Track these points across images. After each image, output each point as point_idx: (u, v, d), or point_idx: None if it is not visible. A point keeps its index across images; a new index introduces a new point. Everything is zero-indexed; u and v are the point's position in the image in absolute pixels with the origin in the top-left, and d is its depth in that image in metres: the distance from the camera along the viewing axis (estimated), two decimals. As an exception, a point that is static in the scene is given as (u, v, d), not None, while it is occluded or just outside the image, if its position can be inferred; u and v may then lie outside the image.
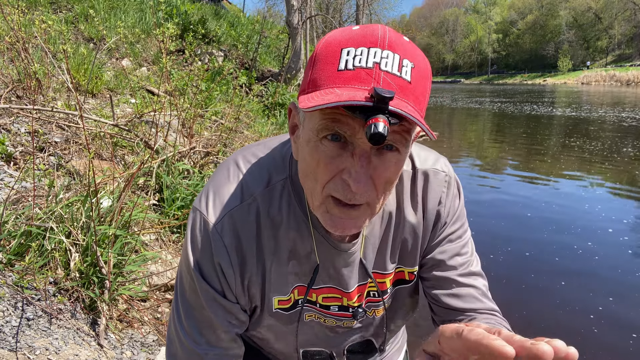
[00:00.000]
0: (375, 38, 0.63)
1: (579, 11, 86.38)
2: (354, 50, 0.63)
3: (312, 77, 0.66)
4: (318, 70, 0.66)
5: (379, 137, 0.56)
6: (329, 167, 0.67)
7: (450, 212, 0.90)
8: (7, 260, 1.89)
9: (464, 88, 57.25)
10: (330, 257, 0.85)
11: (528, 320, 2.85)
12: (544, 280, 3.33)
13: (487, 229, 4.43)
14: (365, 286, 0.91)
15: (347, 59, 0.63)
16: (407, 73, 0.63)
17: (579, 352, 0.44)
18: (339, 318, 0.92)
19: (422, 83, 0.66)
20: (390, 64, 0.62)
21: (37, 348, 1.63)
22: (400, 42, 0.65)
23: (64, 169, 2.76)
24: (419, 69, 0.65)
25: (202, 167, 3.54)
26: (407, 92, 0.63)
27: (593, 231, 4.32)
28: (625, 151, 8.49)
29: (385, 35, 0.64)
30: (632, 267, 3.49)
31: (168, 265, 2.56)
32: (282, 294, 0.87)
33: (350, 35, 0.65)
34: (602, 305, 2.96)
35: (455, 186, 0.91)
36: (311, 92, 0.65)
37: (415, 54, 0.66)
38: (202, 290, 0.82)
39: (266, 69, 9.67)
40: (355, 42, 0.64)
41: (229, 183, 0.83)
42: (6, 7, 3.80)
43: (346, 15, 31.27)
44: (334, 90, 0.62)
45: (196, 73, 4.21)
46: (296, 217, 0.83)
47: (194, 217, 0.83)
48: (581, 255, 3.76)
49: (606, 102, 23.61)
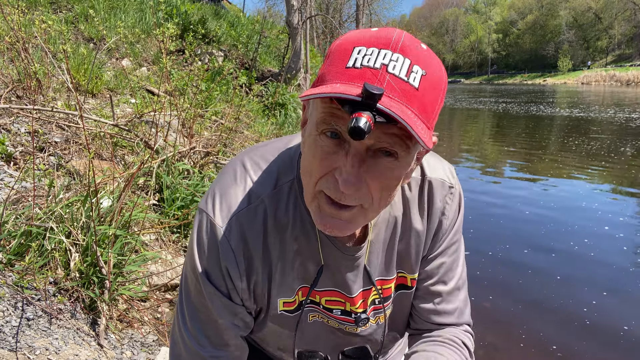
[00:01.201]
0: (388, 40, 0.63)
1: (579, 11, 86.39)
2: (365, 50, 0.63)
3: (322, 72, 0.67)
4: (328, 65, 0.66)
5: (359, 132, 0.55)
6: (323, 162, 0.67)
7: (451, 224, 0.91)
8: (7, 260, 1.89)
9: (464, 88, 57.30)
10: (335, 259, 0.85)
11: (523, 311, 2.93)
12: (540, 275, 3.40)
13: (486, 225, 4.52)
14: (370, 292, 0.90)
15: (357, 57, 0.63)
16: (416, 80, 0.62)
17: (571, 342, 0.45)
18: (342, 322, 0.92)
19: (432, 92, 0.64)
20: (399, 67, 0.61)
21: (37, 348, 1.63)
22: (415, 48, 0.64)
23: (64, 169, 2.76)
24: (431, 77, 0.63)
25: (202, 167, 3.54)
26: (411, 98, 0.61)
27: (589, 228, 4.40)
28: (623, 151, 8.55)
29: (399, 39, 0.63)
30: (625, 263, 3.59)
31: (168, 265, 2.56)
32: (287, 295, 0.87)
33: (365, 35, 0.65)
34: (596, 299, 3.03)
35: (458, 199, 0.92)
36: (317, 86, 0.65)
37: (429, 63, 0.64)
38: (208, 293, 0.82)
39: (266, 69, 9.66)
40: (369, 42, 0.63)
41: (236, 185, 0.83)
42: (6, 7, 3.80)
43: (346, 15, 31.27)
44: (335, 85, 0.62)
45: (196, 73, 4.21)
46: (302, 218, 0.82)
47: (200, 218, 0.83)
48: (577, 251, 3.84)
49: (606, 102, 23.62)
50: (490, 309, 2.95)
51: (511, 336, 2.65)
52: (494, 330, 2.70)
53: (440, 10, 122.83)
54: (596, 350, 2.50)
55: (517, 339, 2.62)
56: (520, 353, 2.50)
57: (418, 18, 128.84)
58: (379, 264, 0.89)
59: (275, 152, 0.86)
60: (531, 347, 2.54)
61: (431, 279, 0.92)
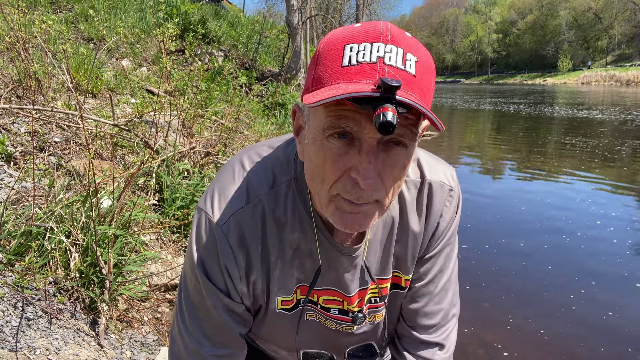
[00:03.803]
0: (377, 33, 0.63)
1: (579, 11, 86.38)
2: (357, 46, 0.63)
3: (316, 75, 0.66)
4: (322, 67, 0.65)
5: (389, 126, 0.56)
6: (336, 165, 0.67)
7: (448, 226, 0.91)
8: (7, 260, 1.89)
9: (464, 88, 57.33)
10: (333, 259, 0.85)
11: (515, 298, 3.09)
12: (533, 265, 3.57)
13: (484, 221, 4.64)
14: (366, 291, 0.91)
15: (351, 55, 0.63)
16: (411, 67, 0.63)
17: (558, 326, 0.46)
18: (339, 322, 0.92)
19: (427, 77, 0.65)
20: (394, 57, 0.62)
21: (37, 348, 1.63)
22: (403, 37, 0.65)
23: (64, 169, 2.76)
24: (423, 63, 0.65)
25: (202, 167, 3.54)
26: (412, 85, 0.62)
27: (582, 222, 4.57)
28: (620, 150, 8.64)
29: (387, 30, 0.64)
30: (613, 255, 3.77)
31: (168, 265, 2.56)
32: (286, 294, 0.87)
33: (352, 32, 0.65)
34: (584, 288, 3.21)
35: (456, 202, 0.92)
36: (316, 90, 0.64)
37: (418, 49, 0.66)
38: (207, 291, 0.82)
39: (266, 69, 9.66)
40: (358, 38, 0.64)
41: (234, 183, 0.83)
42: (6, 7, 3.80)
43: (346, 15, 31.29)
44: (339, 85, 0.61)
45: (196, 73, 4.21)
46: (300, 218, 0.82)
47: (199, 217, 0.83)
48: (569, 243, 4.03)
49: (606, 102, 23.64)
50: (489, 308, 2.97)
51: (505, 329, 2.71)
52: (492, 329, 2.71)
53: (440, 10, 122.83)
54: (586, 339, 2.63)
55: (508, 329, 2.68)
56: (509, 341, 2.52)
57: (418, 18, 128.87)
58: (376, 264, 0.89)
59: (272, 151, 0.87)
60: (518, 331, 2.65)
61: (422, 280, 0.93)
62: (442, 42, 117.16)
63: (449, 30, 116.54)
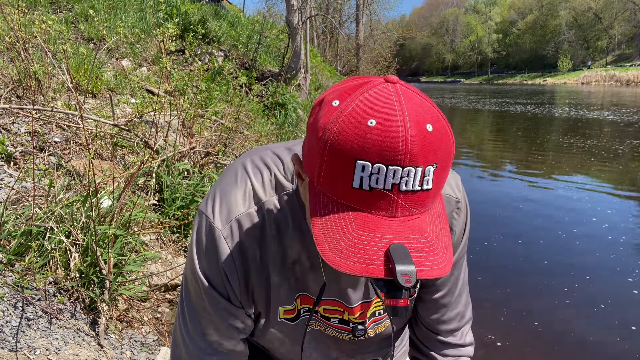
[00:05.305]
0: (395, 151, 0.55)
1: (579, 11, 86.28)
2: (369, 167, 0.56)
3: (325, 171, 0.60)
4: (330, 172, 0.59)
5: (402, 313, 0.57)
6: None
7: (459, 238, 0.92)
8: (7, 260, 1.89)
9: (464, 88, 57.31)
10: (336, 272, 0.84)
11: (513, 293, 3.22)
12: (530, 262, 3.69)
13: (484, 220, 4.75)
14: (370, 304, 0.90)
15: (362, 175, 0.56)
16: (429, 182, 0.58)
17: (553, 318, 0.47)
18: (339, 330, 0.92)
19: (446, 169, 0.62)
20: (410, 182, 0.57)
21: (37, 348, 1.63)
22: (423, 142, 0.57)
23: (64, 169, 2.76)
24: (443, 160, 0.60)
25: (202, 167, 3.54)
26: (425, 200, 0.60)
27: (579, 220, 4.70)
28: (618, 149, 8.69)
29: (406, 144, 0.55)
30: (607, 251, 3.90)
31: (168, 265, 2.56)
32: (287, 303, 0.87)
33: (366, 140, 0.56)
34: (578, 282, 3.35)
35: (465, 213, 0.91)
36: (319, 198, 0.61)
37: (437, 146, 0.58)
38: (207, 295, 0.82)
39: (266, 69, 9.66)
40: (372, 154, 0.55)
41: (236, 188, 0.82)
42: (6, 7, 3.79)
43: (346, 15, 31.29)
44: (347, 214, 0.59)
45: (196, 73, 4.21)
46: (301, 228, 0.82)
47: (199, 220, 0.82)
48: (565, 239, 4.20)
49: (606, 102, 23.64)
50: (489, 308, 2.98)
51: (505, 330, 2.73)
52: (492, 329, 2.72)
53: (440, 10, 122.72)
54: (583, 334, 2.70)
55: (509, 325, 2.68)
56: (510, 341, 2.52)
57: (418, 18, 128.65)
58: None
59: (275, 157, 0.85)
60: (512, 323, 2.65)
61: (439, 292, 0.94)
62: (442, 42, 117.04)
63: (449, 30, 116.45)
